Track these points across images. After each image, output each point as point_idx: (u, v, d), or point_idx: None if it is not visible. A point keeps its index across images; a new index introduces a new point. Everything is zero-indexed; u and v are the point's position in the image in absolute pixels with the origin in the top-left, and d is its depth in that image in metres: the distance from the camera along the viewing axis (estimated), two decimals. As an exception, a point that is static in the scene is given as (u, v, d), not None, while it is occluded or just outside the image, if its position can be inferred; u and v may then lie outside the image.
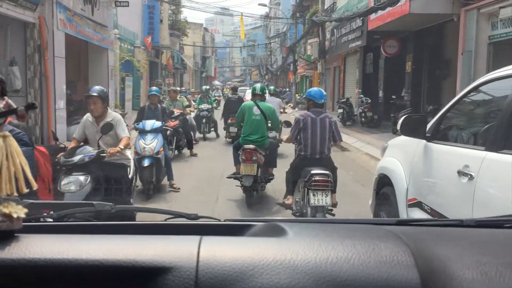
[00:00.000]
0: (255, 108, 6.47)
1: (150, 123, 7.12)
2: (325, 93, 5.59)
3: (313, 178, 4.61)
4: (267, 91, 9.16)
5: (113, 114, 4.99)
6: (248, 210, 6.04)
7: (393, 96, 14.29)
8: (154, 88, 8.97)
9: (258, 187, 6.24)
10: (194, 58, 43.76)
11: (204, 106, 13.43)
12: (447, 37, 12.21)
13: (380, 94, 16.51)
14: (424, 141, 3.34)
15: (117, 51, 14.89)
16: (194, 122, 12.14)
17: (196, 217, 1.18)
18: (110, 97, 13.22)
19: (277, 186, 6.61)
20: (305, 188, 4.75)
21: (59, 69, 9.48)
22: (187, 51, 37.96)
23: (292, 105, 26.28)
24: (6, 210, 0.89)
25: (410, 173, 3.50)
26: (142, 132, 6.94)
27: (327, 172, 4.71)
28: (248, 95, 20.48)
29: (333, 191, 4.90)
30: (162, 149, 6.84)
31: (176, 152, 9.94)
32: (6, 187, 0.92)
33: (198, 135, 12.71)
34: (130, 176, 5.10)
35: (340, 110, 17.29)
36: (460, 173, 2.72)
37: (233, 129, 12.80)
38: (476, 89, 3.07)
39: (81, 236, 0.96)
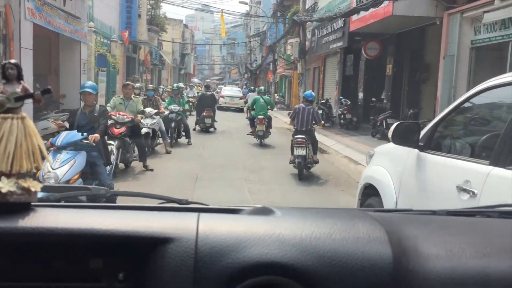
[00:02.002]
0: (261, 99, 12.79)
1: (66, 136, 5.05)
2: (313, 94, 10.10)
3: (295, 140, 8.33)
4: (257, 90, 14.94)
5: None
6: None
7: (373, 99, 14.15)
8: (88, 83, 5.98)
9: (265, 137, 12.64)
10: (173, 54, 42.95)
11: (174, 107, 11.49)
12: (429, 41, 12.14)
13: (360, 96, 16.39)
14: (416, 151, 3.06)
15: (92, 45, 14.27)
16: (163, 127, 10.38)
17: (187, 202, 1.25)
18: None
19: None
20: (292, 146, 8.48)
21: (26, 61, 8.92)
22: (166, 48, 37.20)
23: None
24: (25, 184, 0.99)
25: (400, 184, 3.23)
26: (56, 148, 4.94)
27: (303, 136, 8.30)
28: (223, 91, 28.40)
29: (314, 153, 8.61)
30: (78, 176, 4.84)
31: (123, 166, 8.14)
32: (26, 163, 1.00)
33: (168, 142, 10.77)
34: None
35: (319, 112, 17.05)
36: (460, 189, 2.46)
37: (208, 121, 14.52)
38: (474, 96, 2.80)
39: (90, 210, 1.06)
